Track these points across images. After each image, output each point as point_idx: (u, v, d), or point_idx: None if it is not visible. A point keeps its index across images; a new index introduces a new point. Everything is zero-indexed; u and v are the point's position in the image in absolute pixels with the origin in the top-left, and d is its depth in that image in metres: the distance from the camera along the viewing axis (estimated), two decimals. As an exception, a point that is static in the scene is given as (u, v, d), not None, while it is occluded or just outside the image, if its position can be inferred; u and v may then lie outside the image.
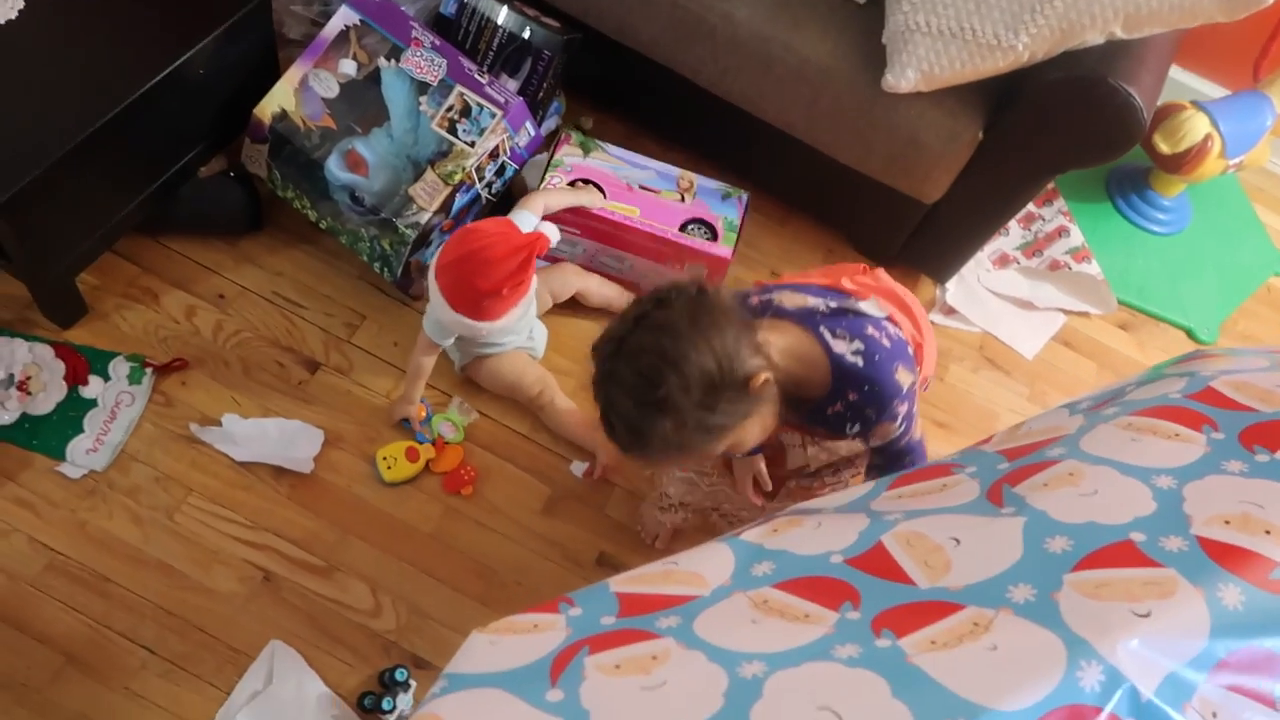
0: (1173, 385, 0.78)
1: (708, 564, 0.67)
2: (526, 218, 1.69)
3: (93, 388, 1.67)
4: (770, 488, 1.46)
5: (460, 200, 1.78)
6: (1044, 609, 0.58)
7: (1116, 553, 0.61)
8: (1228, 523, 0.62)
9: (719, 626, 0.60)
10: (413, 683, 1.55)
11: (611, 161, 1.95)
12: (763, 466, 1.13)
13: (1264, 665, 0.56)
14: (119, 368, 1.70)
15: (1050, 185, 2.37)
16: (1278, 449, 0.67)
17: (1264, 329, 2.35)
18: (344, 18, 1.79)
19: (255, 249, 1.88)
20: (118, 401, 1.67)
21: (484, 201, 1.84)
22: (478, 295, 1.57)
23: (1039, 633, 0.56)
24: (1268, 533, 0.61)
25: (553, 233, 1.66)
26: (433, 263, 1.62)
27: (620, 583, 0.66)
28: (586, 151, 1.95)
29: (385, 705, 1.52)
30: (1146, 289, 2.31)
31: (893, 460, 1.23)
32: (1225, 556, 0.59)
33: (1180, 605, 0.57)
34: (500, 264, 1.54)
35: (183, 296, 1.80)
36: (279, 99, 1.78)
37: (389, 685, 1.54)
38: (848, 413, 1.14)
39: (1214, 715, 0.55)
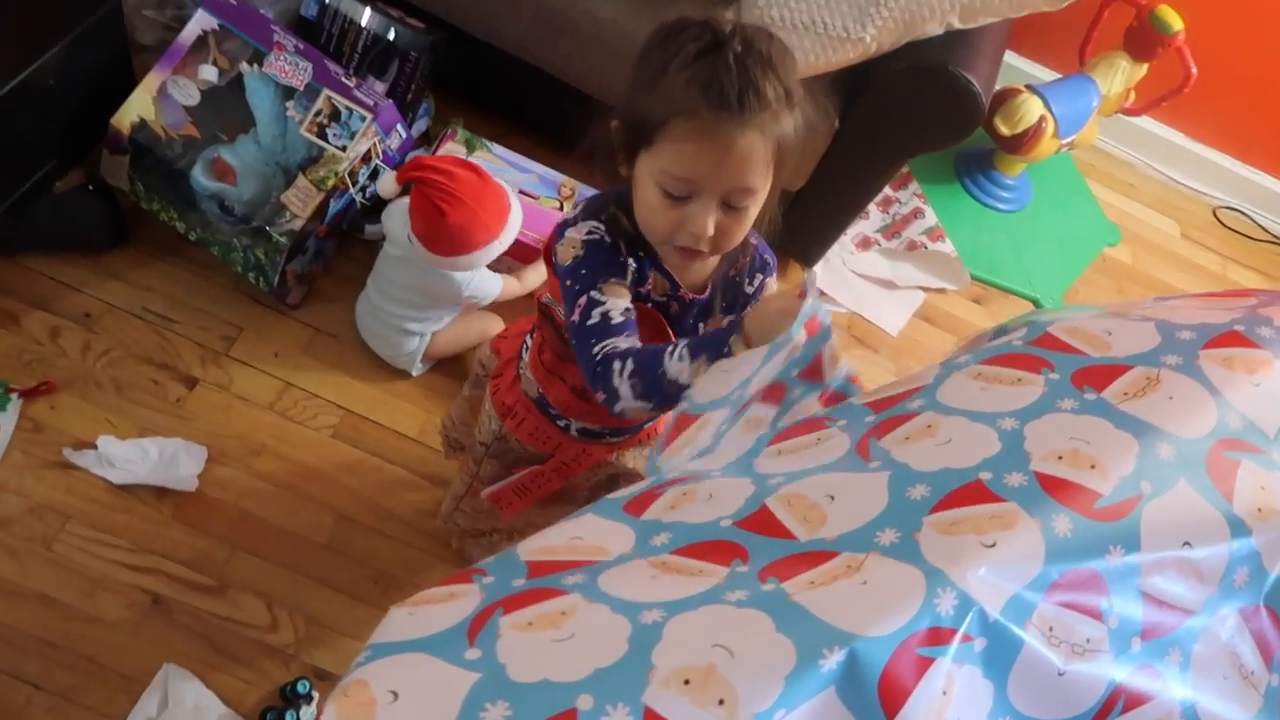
0: (1015, 334, 0.87)
1: (610, 538, 0.71)
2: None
3: (-49, 418, 1.60)
4: None
5: (334, 206, 1.77)
6: (907, 548, 0.65)
7: (968, 492, 0.68)
8: (1060, 458, 0.70)
9: (621, 582, 0.65)
10: (315, 694, 1.54)
11: (495, 162, 1.96)
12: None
13: (1090, 584, 0.65)
14: (-21, 395, 1.62)
15: (904, 170, 2.51)
16: (1102, 389, 0.76)
17: (1102, 296, 2.55)
18: (201, 22, 1.75)
19: (121, 264, 1.82)
20: (-20, 431, 1.59)
21: (359, 206, 1.83)
22: (450, 225, 1.63)
23: (902, 567, 0.63)
24: (1093, 467, 0.69)
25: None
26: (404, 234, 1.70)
27: (528, 552, 0.70)
28: (471, 150, 1.95)
29: (289, 719, 1.50)
30: (995, 264, 2.47)
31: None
32: (1057, 490, 0.68)
33: (1019, 535, 0.65)
34: (455, 186, 1.62)
35: (45, 317, 1.73)
36: (137, 108, 1.72)
37: (291, 699, 1.53)
38: (755, 260, 1.14)
39: (1050, 629, 0.63)
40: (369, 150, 1.77)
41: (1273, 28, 2.48)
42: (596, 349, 1.00)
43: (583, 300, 1.02)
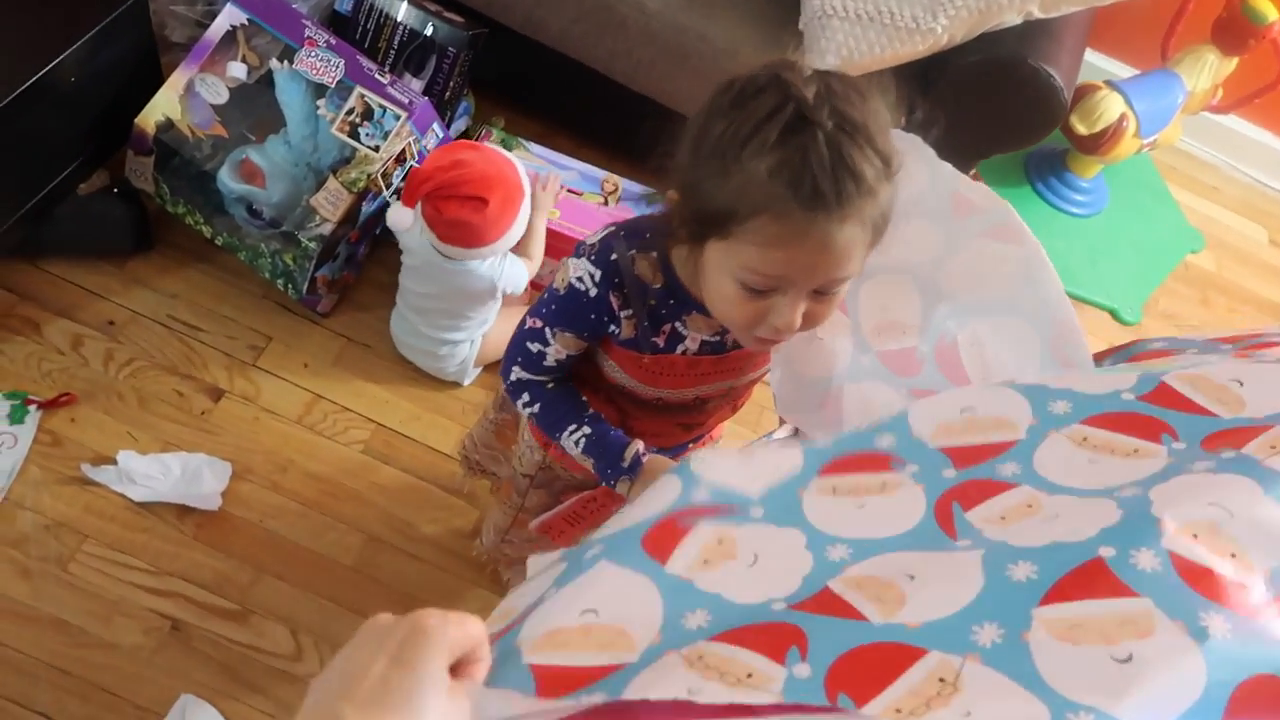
0: (1123, 381, 0.72)
1: (632, 611, 0.58)
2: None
3: (-32, 430, 1.53)
4: None
5: (366, 209, 1.68)
6: (1014, 655, 0.51)
7: (1086, 576, 0.54)
8: (1196, 536, 0.55)
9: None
10: (341, 728, 1.44)
11: (534, 161, 1.86)
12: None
13: (1275, 691, 0.50)
14: (-3, 407, 1.55)
15: (973, 171, 2.36)
16: (1243, 446, 0.61)
17: (1184, 306, 2.38)
18: (230, 17, 1.67)
19: (146, 270, 1.74)
20: (-3, 444, 1.53)
21: (393, 209, 1.74)
22: (493, 208, 1.55)
23: (1016, 693, 0.49)
24: (1234, 555, 0.54)
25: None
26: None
27: (534, 650, 0.56)
28: (509, 149, 1.85)
29: (312, 755, 1.41)
30: (1069, 271, 2.30)
31: None
32: (1200, 581, 0.53)
33: (1162, 644, 0.50)
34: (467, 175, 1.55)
35: (67, 325, 1.66)
36: (163, 107, 1.65)
37: (315, 732, 1.43)
38: None
39: None
40: (404, 150, 1.67)
41: (1376, 18, 2.29)
42: (518, 371, 1.07)
43: (537, 323, 1.03)
